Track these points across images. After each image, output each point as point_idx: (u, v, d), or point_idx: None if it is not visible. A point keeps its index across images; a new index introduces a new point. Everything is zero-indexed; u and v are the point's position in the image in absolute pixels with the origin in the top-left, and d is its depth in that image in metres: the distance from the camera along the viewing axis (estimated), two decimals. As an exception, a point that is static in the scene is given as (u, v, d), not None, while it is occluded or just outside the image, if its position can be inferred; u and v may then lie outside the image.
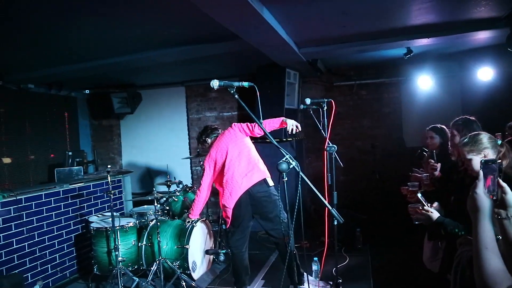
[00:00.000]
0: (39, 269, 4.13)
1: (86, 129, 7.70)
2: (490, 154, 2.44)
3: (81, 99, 7.52)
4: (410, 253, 4.39)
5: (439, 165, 3.47)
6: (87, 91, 7.30)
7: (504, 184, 1.45)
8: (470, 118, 3.41)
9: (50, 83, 6.45)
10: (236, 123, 3.84)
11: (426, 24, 4.24)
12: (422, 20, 4.13)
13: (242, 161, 3.63)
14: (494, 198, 1.45)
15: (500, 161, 1.78)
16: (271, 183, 3.66)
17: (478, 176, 1.47)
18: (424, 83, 6.00)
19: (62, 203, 4.48)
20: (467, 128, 3.22)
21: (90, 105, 7.71)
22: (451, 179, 3.29)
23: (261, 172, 3.67)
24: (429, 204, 2.69)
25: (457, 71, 6.26)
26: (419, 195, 2.71)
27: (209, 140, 3.93)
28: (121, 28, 3.96)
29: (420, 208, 2.65)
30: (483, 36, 4.59)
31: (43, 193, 4.28)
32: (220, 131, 3.97)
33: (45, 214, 4.26)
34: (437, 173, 3.52)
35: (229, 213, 3.58)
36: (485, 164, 1.49)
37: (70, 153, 5.84)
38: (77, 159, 5.85)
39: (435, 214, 2.58)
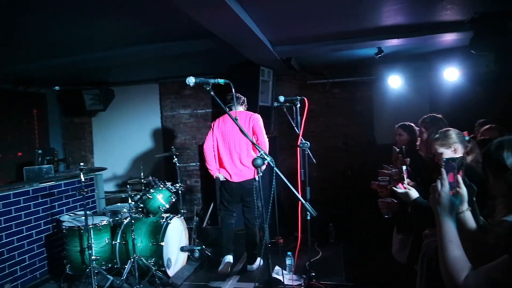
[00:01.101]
0: (7, 271, 3.99)
1: (56, 126, 7.49)
2: (459, 148, 2.61)
3: (51, 95, 7.32)
4: (380, 246, 4.54)
5: (408, 159, 3.61)
6: (57, 88, 7.11)
7: (461, 181, 1.56)
8: (437, 116, 3.57)
9: (17, 79, 6.25)
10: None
11: (396, 25, 4.38)
12: (392, 21, 4.26)
13: None
14: (454, 193, 1.55)
15: (463, 156, 1.89)
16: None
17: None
18: (395, 82, 6.19)
19: (31, 203, 4.37)
20: (434, 126, 3.37)
21: (61, 102, 7.52)
22: (419, 174, 3.44)
23: None
24: (409, 181, 2.79)
25: (426, 71, 6.48)
26: (403, 167, 2.78)
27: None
28: (94, 24, 3.89)
29: (401, 184, 2.71)
30: (449, 38, 4.79)
31: (11, 192, 4.15)
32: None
33: (13, 214, 4.13)
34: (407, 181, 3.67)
35: None
36: (446, 162, 1.59)
37: (40, 152, 5.68)
38: (48, 158, 5.70)
39: (414, 193, 2.66)
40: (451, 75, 5.55)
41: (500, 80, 5.21)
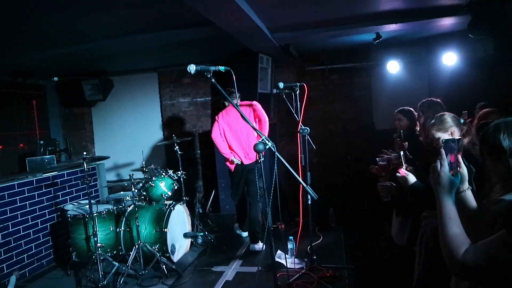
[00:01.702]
0: (14, 259, 4.08)
1: (56, 117, 7.52)
2: (456, 131, 2.65)
3: (50, 87, 7.32)
4: (379, 229, 4.63)
5: (406, 143, 3.66)
6: (56, 79, 7.11)
7: (461, 161, 1.60)
8: (435, 100, 3.61)
9: (15, 71, 6.24)
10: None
11: (394, 10, 4.39)
12: (390, 6, 4.27)
13: None
14: (454, 172, 1.60)
15: (460, 138, 1.94)
16: None
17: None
18: (393, 67, 6.20)
19: (35, 193, 4.42)
20: (431, 110, 3.42)
21: (60, 93, 7.53)
22: (418, 158, 3.49)
23: None
24: (407, 165, 2.84)
25: (424, 56, 6.50)
26: (401, 153, 2.83)
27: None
28: (92, 14, 3.89)
29: (400, 169, 2.75)
30: (447, 22, 4.80)
31: (15, 182, 4.21)
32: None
33: (18, 204, 4.20)
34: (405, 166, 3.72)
35: None
36: (446, 143, 1.62)
37: (41, 142, 5.72)
38: (49, 148, 5.75)
39: (412, 178, 2.71)
40: (450, 59, 5.56)
41: (498, 64, 5.24)
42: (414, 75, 6.49)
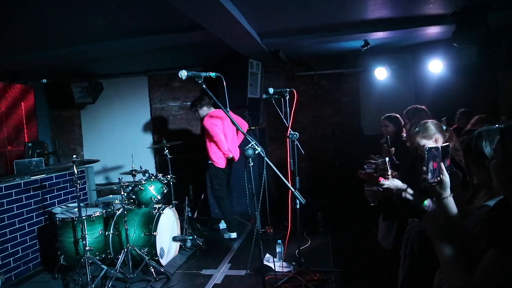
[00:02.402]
0: (0, 263, 4.03)
1: (45, 119, 7.47)
2: (440, 138, 2.72)
3: (39, 88, 7.27)
4: (366, 233, 4.70)
5: (393, 149, 3.74)
6: (45, 81, 7.06)
7: (443, 168, 1.65)
8: (420, 107, 3.70)
9: (4, 72, 6.19)
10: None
11: (382, 18, 4.49)
12: (377, 15, 4.37)
13: None
14: (436, 180, 1.65)
15: (448, 144, 2.01)
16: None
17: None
18: (381, 74, 6.31)
19: (23, 195, 4.38)
20: (416, 117, 3.50)
21: (49, 95, 7.49)
22: (404, 163, 3.57)
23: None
24: (392, 171, 2.89)
25: (411, 63, 6.63)
26: (387, 159, 2.86)
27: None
28: (82, 17, 3.90)
29: (387, 174, 2.79)
30: (433, 31, 4.92)
31: (2, 185, 4.16)
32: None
33: (5, 207, 4.15)
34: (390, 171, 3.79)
35: None
36: (429, 150, 1.66)
37: (30, 145, 5.66)
38: (38, 151, 5.68)
39: (398, 183, 2.74)
40: (435, 66, 5.69)
41: (481, 71, 5.38)
42: (401, 82, 6.61)
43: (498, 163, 1.41)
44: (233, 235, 5.20)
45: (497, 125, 1.71)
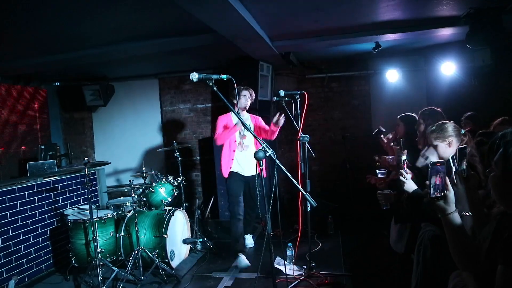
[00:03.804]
0: (14, 264, 4.08)
1: (57, 122, 7.55)
2: (454, 142, 2.66)
3: (52, 91, 7.36)
4: (378, 237, 4.66)
5: (405, 152, 3.68)
6: (57, 84, 7.16)
7: (449, 184, 1.62)
8: (436, 109, 3.63)
9: (18, 75, 6.29)
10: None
11: (394, 20, 4.45)
12: (389, 17, 4.33)
13: None
14: (439, 195, 1.61)
15: (464, 146, 1.95)
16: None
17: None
18: (392, 76, 6.26)
19: (36, 197, 4.44)
20: (432, 118, 3.44)
21: (61, 98, 7.57)
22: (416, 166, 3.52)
23: None
24: (408, 171, 2.83)
25: (423, 65, 6.56)
26: (403, 157, 2.79)
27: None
28: (93, 19, 3.93)
29: (402, 174, 2.72)
30: (446, 33, 4.86)
31: (16, 187, 4.22)
32: None
33: (19, 208, 4.21)
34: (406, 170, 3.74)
35: None
36: (432, 165, 1.63)
37: (42, 147, 5.74)
38: (50, 153, 5.76)
39: (413, 185, 2.70)
40: (448, 69, 5.62)
41: (496, 74, 5.29)
42: (412, 84, 6.54)
43: (497, 176, 1.37)
44: (241, 262, 4.25)
45: None
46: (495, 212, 1.65)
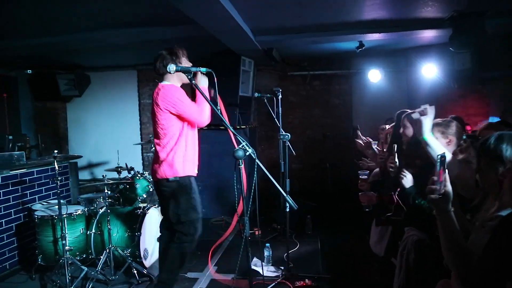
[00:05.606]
0: (-26, 260, 3.87)
1: (28, 111, 7.20)
2: (454, 142, 2.61)
3: (23, 79, 7.01)
4: (357, 238, 4.62)
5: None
6: (29, 71, 6.83)
7: (448, 179, 1.56)
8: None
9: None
10: None
11: (378, 19, 4.41)
12: (374, 16, 4.28)
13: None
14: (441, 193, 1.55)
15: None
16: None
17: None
18: (374, 76, 6.25)
19: (1, 191, 4.19)
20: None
21: (33, 86, 7.21)
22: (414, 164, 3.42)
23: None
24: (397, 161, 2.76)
25: (404, 66, 6.58)
26: (395, 146, 2.76)
27: None
28: (69, 3, 3.72)
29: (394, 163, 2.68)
30: (429, 34, 4.87)
31: (-20, 179, 3.99)
32: None
33: (-18, 202, 3.97)
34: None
35: None
36: (442, 157, 1.56)
37: (10, 137, 5.43)
38: (19, 144, 5.47)
39: (410, 182, 2.68)
40: (429, 71, 5.65)
41: (474, 77, 5.34)
42: (394, 85, 6.56)
43: None
44: None
45: None
46: (488, 216, 1.60)
